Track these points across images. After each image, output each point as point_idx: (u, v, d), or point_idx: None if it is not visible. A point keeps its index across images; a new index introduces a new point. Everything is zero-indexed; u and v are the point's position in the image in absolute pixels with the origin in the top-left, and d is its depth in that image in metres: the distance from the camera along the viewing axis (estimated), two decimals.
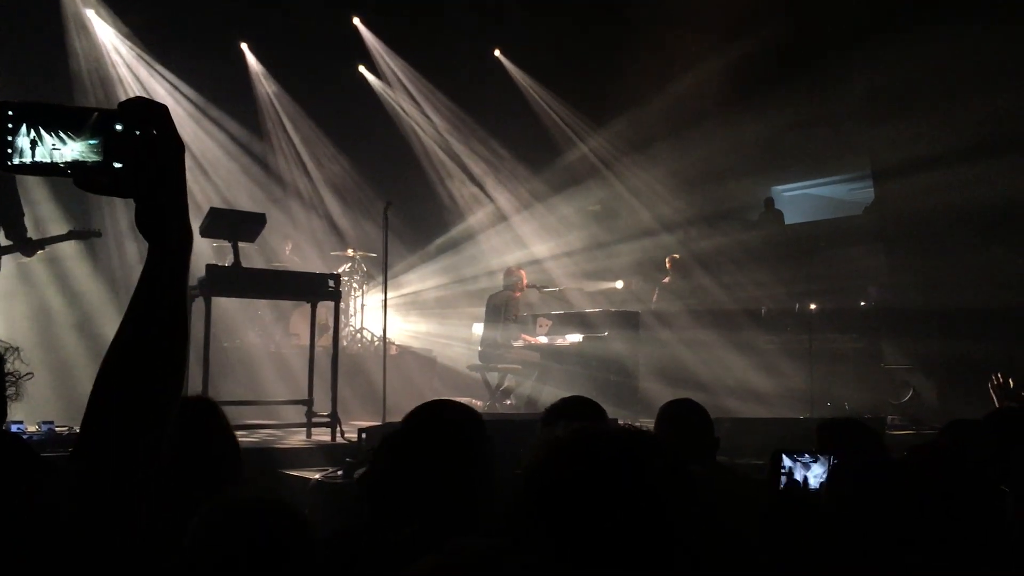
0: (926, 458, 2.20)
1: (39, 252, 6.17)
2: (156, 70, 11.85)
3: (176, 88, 11.98)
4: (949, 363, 9.06)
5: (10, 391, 2.16)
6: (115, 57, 11.64)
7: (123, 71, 11.70)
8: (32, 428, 5.28)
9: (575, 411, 3.11)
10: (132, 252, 10.36)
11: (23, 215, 6.00)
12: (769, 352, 9.75)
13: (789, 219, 13.79)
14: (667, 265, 11.43)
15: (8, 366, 2.18)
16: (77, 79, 11.18)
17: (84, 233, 6.32)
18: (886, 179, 11.97)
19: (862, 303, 10.52)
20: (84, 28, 11.39)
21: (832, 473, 2.34)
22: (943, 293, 9.74)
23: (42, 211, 9.35)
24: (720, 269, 11.77)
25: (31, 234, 6.05)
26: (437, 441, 2.23)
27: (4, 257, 5.95)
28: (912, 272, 10.45)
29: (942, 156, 10.42)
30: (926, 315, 9.51)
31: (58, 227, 9.36)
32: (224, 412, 2.52)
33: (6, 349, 2.13)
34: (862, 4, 11.56)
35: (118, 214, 10.73)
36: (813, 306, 9.90)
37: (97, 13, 11.44)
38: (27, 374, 2.17)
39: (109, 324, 8.79)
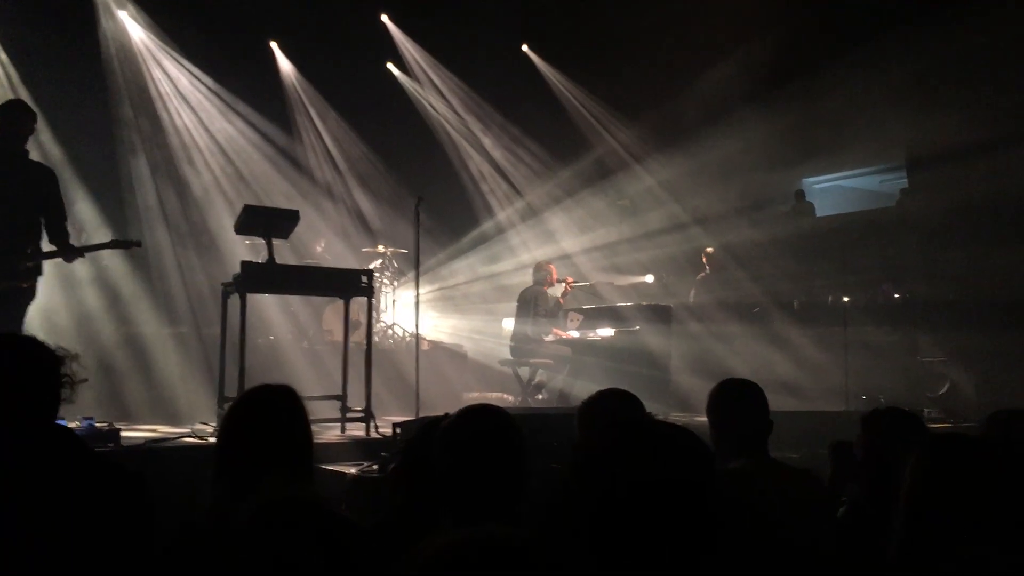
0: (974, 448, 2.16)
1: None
2: (186, 68, 11.97)
3: (206, 86, 12.09)
4: (986, 355, 8.95)
5: (65, 392, 2.26)
6: (147, 55, 11.77)
7: (154, 69, 11.83)
8: (73, 424, 5.35)
9: (613, 404, 3.11)
10: (168, 253, 10.50)
11: (66, 219, 6.08)
12: (802, 345, 9.68)
13: (820, 211, 13.68)
14: (703, 259, 11.37)
15: (65, 368, 2.28)
16: (110, 76, 11.32)
17: (124, 243, 6.38)
18: (920, 169, 11.84)
19: (896, 295, 10.42)
20: (116, 27, 11.52)
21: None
22: (979, 284, 9.63)
23: (83, 214, 9.51)
24: (751, 262, 11.69)
25: (71, 239, 6.12)
26: (471, 450, 2.24)
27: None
28: (947, 263, 10.33)
29: (977, 145, 10.30)
30: (962, 307, 9.40)
31: (96, 228, 9.54)
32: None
33: (66, 355, 2.23)
34: None
35: (154, 218, 10.89)
36: (846, 299, 9.82)
37: (129, 14, 11.57)
38: (83, 379, 2.28)
39: (147, 322, 8.91)
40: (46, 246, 5.98)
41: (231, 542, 2.05)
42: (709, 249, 11.46)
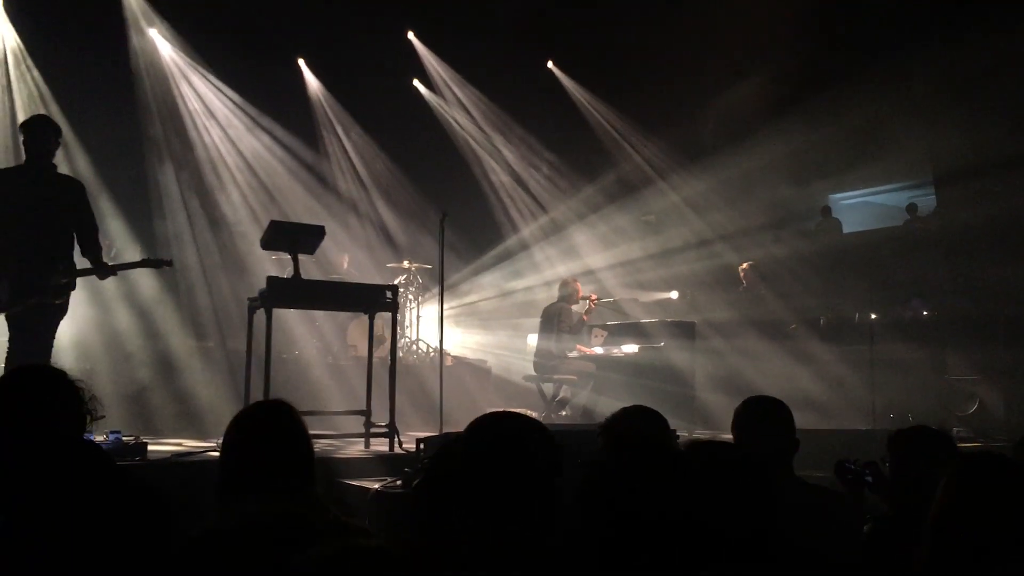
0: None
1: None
2: (215, 86, 12.12)
3: (234, 103, 12.24)
4: (1016, 373, 8.82)
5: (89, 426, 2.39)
6: (176, 73, 11.93)
7: (183, 86, 11.99)
8: (100, 438, 5.40)
9: (637, 421, 3.10)
10: (196, 269, 10.60)
11: (98, 231, 6.13)
12: (829, 363, 9.59)
13: (847, 228, 13.59)
14: (740, 274, 11.31)
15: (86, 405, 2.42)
16: (140, 93, 11.48)
17: (156, 262, 6.42)
18: (948, 185, 11.74)
19: (923, 313, 10.31)
20: (146, 44, 11.69)
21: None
22: (1008, 301, 9.51)
23: (112, 230, 9.64)
24: (777, 279, 11.62)
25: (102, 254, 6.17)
26: (501, 454, 2.21)
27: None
28: (976, 280, 10.21)
29: (1005, 160, 10.20)
30: (991, 324, 9.27)
31: (126, 244, 9.66)
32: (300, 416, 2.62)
33: (91, 398, 2.38)
34: (920, 7, 11.37)
35: (181, 234, 11.01)
36: (873, 316, 9.72)
37: (159, 31, 11.74)
38: (100, 416, 2.43)
39: (174, 336, 9.00)
40: (78, 259, 6.03)
41: (214, 557, 2.08)
42: (745, 265, 11.35)
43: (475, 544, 2.11)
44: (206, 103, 12.11)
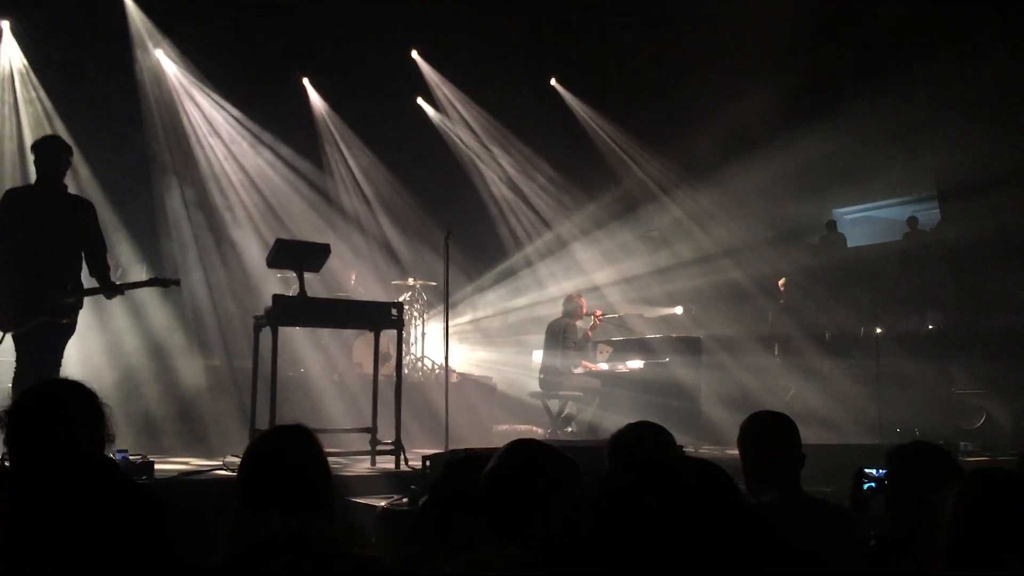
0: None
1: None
2: (220, 104, 12.19)
3: (239, 122, 12.30)
4: (1023, 387, 8.81)
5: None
6: (181, 92, 12.01)
7: (188, 105, 12.06)
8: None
9: (643, 437, 3.10)
10: (201, 287, 10.63)
11: (106, 251, 6.16)
12: (835, 377, 9.58)
13: (851, 242, 13.60)
14: (780, 287, 11.33)
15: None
16: (146, 113, 11.56)
17: (164, 281, 6.44)
18: (952, 199, 11.75)
19: (930, 326, 10.31)
20: (152, 64, 11.77)
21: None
22: (1014, 315, 9.50)
23: (118, 249, 9.67)
24: (781, 293, 11.63)
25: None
26: (527, 476, 2.20)
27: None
28: (982, 294, 10.21)
29: (1009, 174, 10.22)
30: (998, 338, 9.26)
31: (132, 263, 9.69)
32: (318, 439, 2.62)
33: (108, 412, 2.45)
34: (924, 23, 11.42)
35: (187, 252, 11.04)
36: (879, 330, 9.71)
37: (165, 52, 11.82)
38: (112, 436, 2.52)
39: (181, 356, 9.00)
40: (86, 279, 6.05)
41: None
42: (784, 278, 11.40)
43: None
44: (211, 122, 12.19)
